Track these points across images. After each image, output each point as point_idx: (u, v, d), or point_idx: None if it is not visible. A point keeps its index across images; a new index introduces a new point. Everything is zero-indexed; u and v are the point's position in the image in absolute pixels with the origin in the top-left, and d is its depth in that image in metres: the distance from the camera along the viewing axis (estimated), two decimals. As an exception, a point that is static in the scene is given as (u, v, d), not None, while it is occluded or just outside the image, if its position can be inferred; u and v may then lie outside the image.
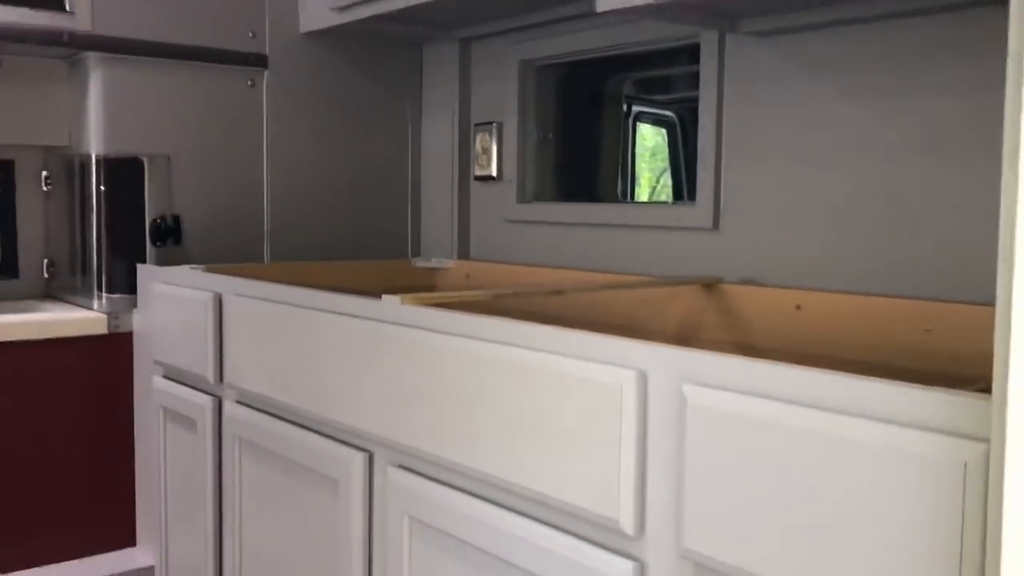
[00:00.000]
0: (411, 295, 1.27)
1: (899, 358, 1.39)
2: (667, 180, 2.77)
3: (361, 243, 2.28)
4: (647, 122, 2.70)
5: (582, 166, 2.29)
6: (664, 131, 2.72)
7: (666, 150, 2.78)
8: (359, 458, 1.32)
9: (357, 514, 1.32)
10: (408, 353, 1.21)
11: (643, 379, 0.91)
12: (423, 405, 1.18)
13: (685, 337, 1.66)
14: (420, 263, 2.22)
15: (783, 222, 1.64)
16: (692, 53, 1.84)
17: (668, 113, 2.73)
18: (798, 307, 1.52)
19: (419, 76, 2.36)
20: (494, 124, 2.19)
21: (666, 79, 2.46)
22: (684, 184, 2.78)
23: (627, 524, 0.93)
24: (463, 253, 2.28)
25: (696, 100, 1.87)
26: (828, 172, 1.57)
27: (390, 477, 1.26)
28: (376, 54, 2.29)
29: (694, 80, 2.39)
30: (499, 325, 1.08)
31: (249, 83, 2.13)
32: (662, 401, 0.90)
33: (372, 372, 1.28)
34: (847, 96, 1.55)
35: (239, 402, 1.62)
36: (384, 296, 1.28)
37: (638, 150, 2.51)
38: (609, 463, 0.93)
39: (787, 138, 1.63)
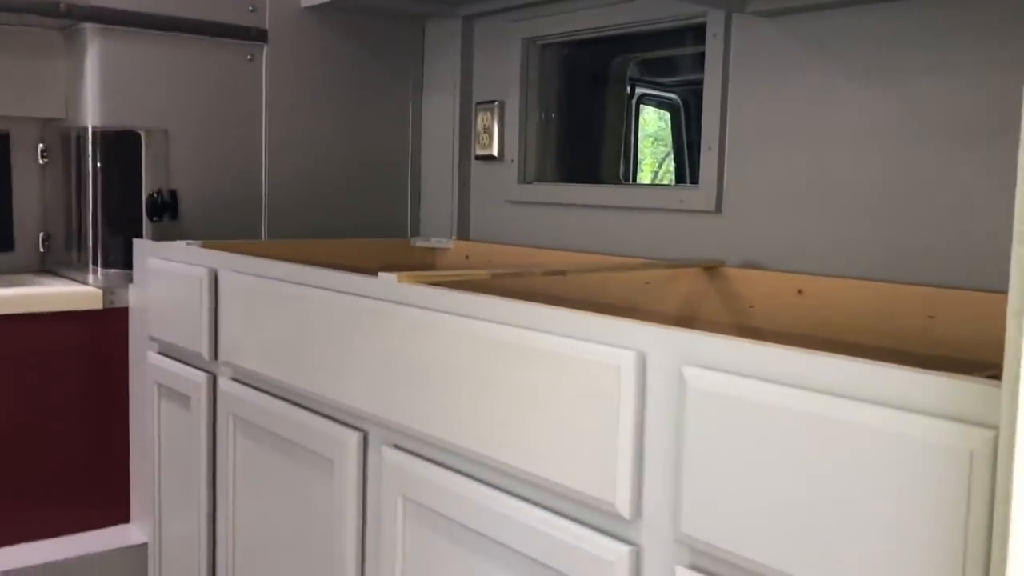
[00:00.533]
0: (407, 273, 1.25)
1: (902, 345, 1.37)
2: (669, 165, 2.75)
3: (359, 222, 2.26)
4: (651, 105, 2.68)
5: (584, 147, 2.27)
6: (667, 115, 2.70)
7: (669, 134, 2.75)
8: (353, 437, 1.30)
9: (351, 494, 1.31)
10: (404, 332, 1.19)
11: (642, 360, 0.89)
12: (418, 384, 1.17)
13: (686, 320, 1.64)
14: (419, 243, 2.20)
15: (787, 206, 1.62)
16: (697, 33, 1.81)
17: (672, 96, 2.70)
18: (800, 292, 1.50)
19: (421, 53, 2.33)
20: (496, 103, 2.16)
21: (671, 60, 2.43)
22: (687, 169, 2.76)
23: (623, 507, 0.91)
24: (463, 234, 2.26)
25: (700, 83, 1.85)
26: (834, 155, 1.55)
27: (385, 457, 1.25)
28: (378, 30, 2.26)
29: (699, 62, 2.36)
30: (496, 304, 1.06)
31: (248, 57, 2.11)
32: (661, 383, 0.88)
33: (367, 350, 1.26)
34: (855, 77, 1.52)
35: (234, 379, 1.60)
36: (380, 274, 1.26)
37: (640, 135, 2.48)
38: (606, 445, 0.92)
39: (793, 120, 1.61)
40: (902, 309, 1.38)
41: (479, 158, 2.22)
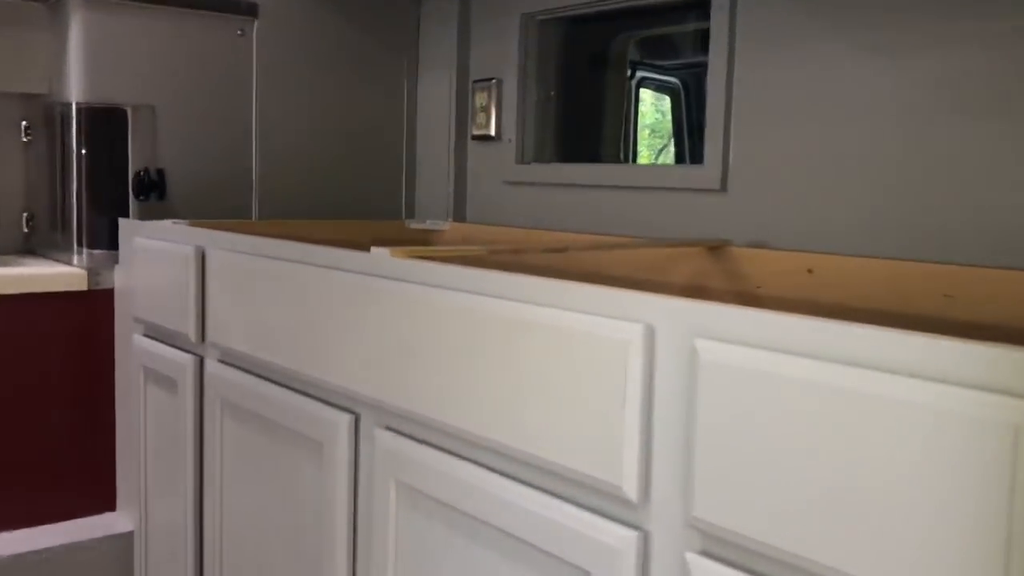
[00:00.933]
0: (401, 248, 1.19)
1: (917, 324, 1.32)
2: (666, 157, 2.70)
3: (353, 203, 2.20)
4: (650, 88, 2.62)
5: (584, 128, 2.21)
6: (668, 100, 2.64)
7: (668, 122, 2.70)
8: (345, 419, 1.24)
9: (342, 478, 1.25)
10: (397, 309, 1.14)
11: (651, 334, 0.84)
12: (413, 364, 1.11)
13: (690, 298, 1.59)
14: (414, 225, 2.14)
15: (795, 184, 1.56)
16: (702, 9, 1.76)
17: (672, 79, 2.64)
18: (810, 271, 1.44)
19: (416, 29, 2.27)
20: (493, 81, 2.10)
21: (672, 39, 2.38)
22: (688, 156, 2.71)
23: (631, 490, 0.86)
24: (459, 215, 2.20)
25: (703, 64, 1.79)
26: (844, 130, 1.50)
27: (377, 440, 1.19)
28: (372, 5, 2.20)
29: (701, 41, 2.30)
30: (494, 278, 1.00)
31: (239, 32, 2.04)
32: (672, 358, 0.83)
33: (359, 329, 1.20)
34: (866, 49, 1.46)
35: (221, 361, 1.54)
36: (373, 248, 1.20)
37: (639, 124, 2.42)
38: (613, 424, 0.86)
39: (801, 95, 1.55)
40: (918, 288, 1.32)
41: (476, 138, 2.16)
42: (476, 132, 2.15)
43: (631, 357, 0.84)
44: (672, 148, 2.74)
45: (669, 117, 2.66)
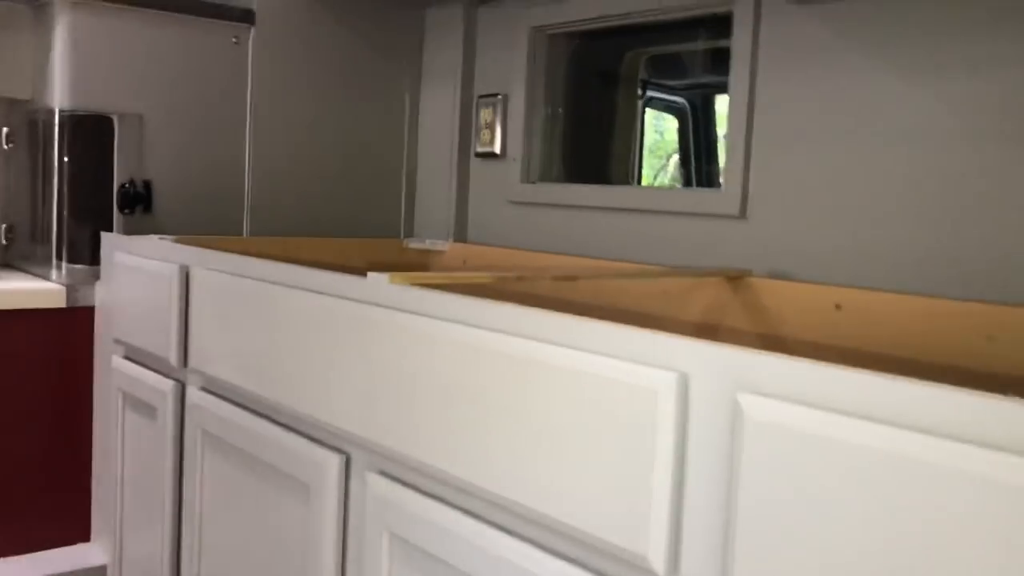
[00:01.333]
0: (401, 274, 1.09)
1: (955, 368, 1.22)
2: (663, 179, 2.61)
3: (349, 220, 2.10)
4: (658, 108, 2.54)
5: (593, 146, 2.11)
6: (666, 119, 2.56)
7: (675, 138, 2.61)
8: (334, 460, 1.14)
9: (330, 525, 1.14)
10: (396, 341, 1.03)
11: (685, 384, 0.74)
12: (412, 403, 1.01)
13: (708, 334, 1.49)
14: (412, 244, 2.04)
15: (821, 211, 1.47)
16: (717, 26, 1.67)
17: (679, 100, 2.56)
18: (838, 306, 1.35)
19: (420, 41, 2.18)
20: (499, 96, 2.01)
21: (685, 58, 2.29)
22: (694, 178, 2.62)
23: (657, 561, 0.75)
24: (460, 235, 2.10)
25: (712, 84, 1.71)
26: (875, 156, 1.40)
27: (370, 485, 1.09)
28: (374, 15, 2.11)
29: (712, 60, 2.21)
30: (504, 312, 0.90)
31: (234, 40, 1.95)
32: (709, 412, 0.72)
33: (354, 361, 1.10)
34: (901, 71, 1.37)
35: (204, 389, 1.44)
36: (370, 274, 1.10)
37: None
38: (638, 485, 0.76)
39: (829, 116, 1.46)
40: (956, 328, 1.22)
41: (480, 155, 2.07)
42: (480, 149, 2.06)
43: (661, 409, 0.74)
44: (670, 169, 2.67)
45: (666, 138, 2.58)
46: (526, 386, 0.86)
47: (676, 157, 2.63)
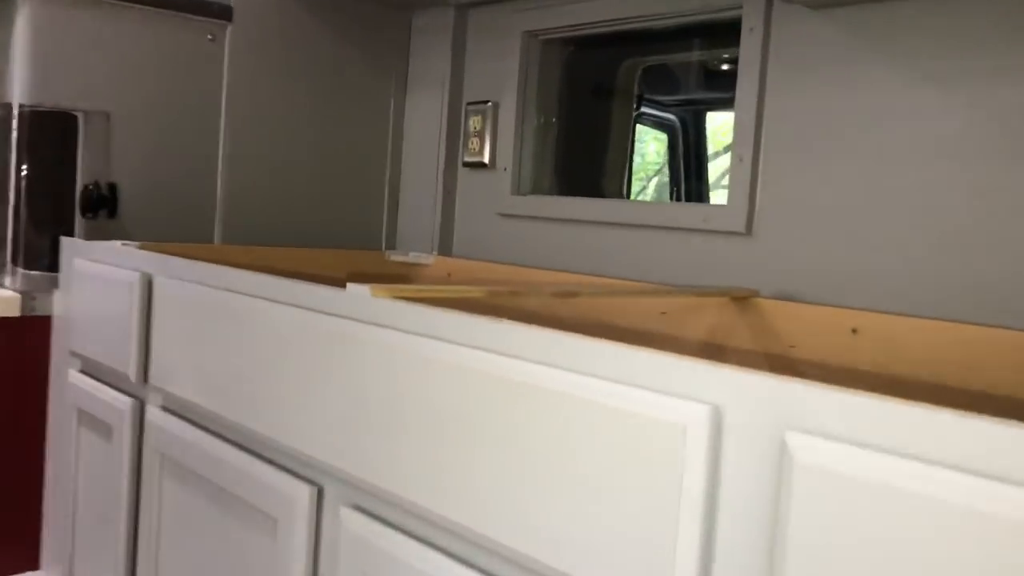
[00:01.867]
0: (384, 286, 0.98)
1: (986, 399, 1.12)
2: (645, 195, 2.54)
3: (328, 230, 1.99)
4: (647, 124, 2.46)
5: (586, 158, 2.02)
6: (652, 135, 2.49)
7: (664, 153, 2.54)
8: (305, 492, 1.02)
9: (299, 564, 1.02)
10: (378, 361, 0.92)
11: (718, 418, 0.63)
12: (394, 431, 0.90)
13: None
14: (395, 257, 1.93)
15: (833, 229, 1.37)
16: (720, 35, 1.58)
17: (670, 116, 2.48)
18: (854, 331, 1.25)
19: (406, 45, 2.07)
20: (489, 104, 1.91)
21: (676, 72, 2.21)
22: (683, 195, 2.54)
23: (680, 625, 0.65)
24: (445, 249, 2.00)
25: (708, 101, 1.63)
26: (894, 170, 1.31)
27: (344, 520, 0.97)
28: (359, 16, 2.00)
29: (713, 74, 2.12)
30: (503, 330, 0.79)
31: (209, 37, 1.84)
32: (748, 452, 0.62)
33: (330, 383, 0.99)
34: (921, 81, 1.28)
35: (165, 408, 1.32)
36: (349, 285, 0.99)
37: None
38: (659, 537, 0.65)
39: (843, 128, 1.37)
40: (987, 355, 1.13)
41: (467, 165, 1.96)
42: (468, 159, 1.96)
43: (691, 448, 0.63)
44: (650, 189, 2.60)
45: (645, 160, 2.52)
46: (526, 416, 0.75)
47: (658, 177, 2.56)
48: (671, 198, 2.56)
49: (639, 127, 2.29)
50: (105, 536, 1.45)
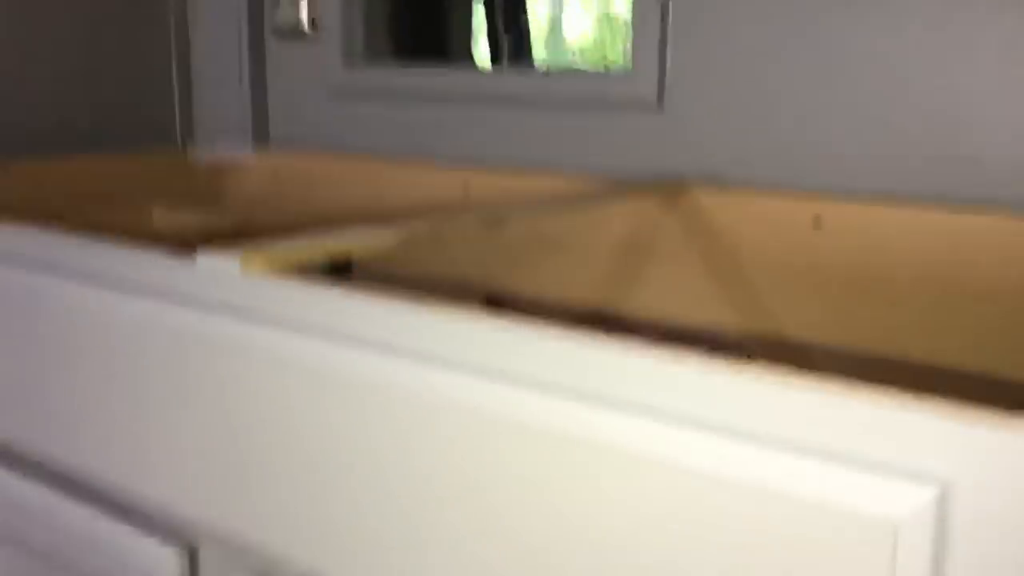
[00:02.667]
0: (259, 252, 0.66)
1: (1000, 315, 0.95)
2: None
3: (103, 125, 1.56)
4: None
5: (432, 15, 1.67)
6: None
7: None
8: (171, 557, 0.71)
9: (175, 652, 0.72)
10: (262, 374, 0.61)
11: (943, 507, 0.38)
12: (300, 473, 0.60)
13: (633, 268, 1.15)
14: (205, 158, 1.54)
15: (771, 97, 1.14)
16: None
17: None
18: (817, 218, 1.04)
19: None
20: (300, -50, 1.51)
21: None
22: (504, 57, 2.22)
23: None
24: (261, 137, 1.62)
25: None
26: (851, 22, 1.08)
27: (240, 597, 0.68)
28: None
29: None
30: (501, 337, 0.50)
31: None
32: (993, 556, 0.38)
33: (194, 408, 0.66)
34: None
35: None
36: (200, 255, 0.66)
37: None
38: None
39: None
40: (983, 247, 0.95)
41: (279, 32, 1.57)
42: (280, 23, 1.56)
43: (901, 563, 0.38)
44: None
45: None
46: (540, 471, 0.48)
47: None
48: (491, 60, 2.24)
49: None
50: None
